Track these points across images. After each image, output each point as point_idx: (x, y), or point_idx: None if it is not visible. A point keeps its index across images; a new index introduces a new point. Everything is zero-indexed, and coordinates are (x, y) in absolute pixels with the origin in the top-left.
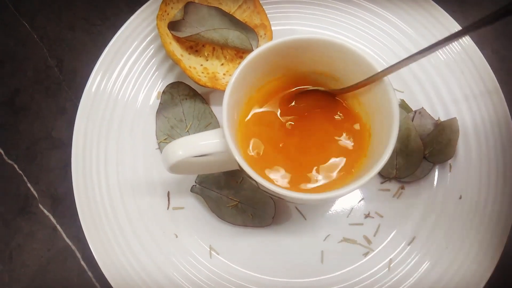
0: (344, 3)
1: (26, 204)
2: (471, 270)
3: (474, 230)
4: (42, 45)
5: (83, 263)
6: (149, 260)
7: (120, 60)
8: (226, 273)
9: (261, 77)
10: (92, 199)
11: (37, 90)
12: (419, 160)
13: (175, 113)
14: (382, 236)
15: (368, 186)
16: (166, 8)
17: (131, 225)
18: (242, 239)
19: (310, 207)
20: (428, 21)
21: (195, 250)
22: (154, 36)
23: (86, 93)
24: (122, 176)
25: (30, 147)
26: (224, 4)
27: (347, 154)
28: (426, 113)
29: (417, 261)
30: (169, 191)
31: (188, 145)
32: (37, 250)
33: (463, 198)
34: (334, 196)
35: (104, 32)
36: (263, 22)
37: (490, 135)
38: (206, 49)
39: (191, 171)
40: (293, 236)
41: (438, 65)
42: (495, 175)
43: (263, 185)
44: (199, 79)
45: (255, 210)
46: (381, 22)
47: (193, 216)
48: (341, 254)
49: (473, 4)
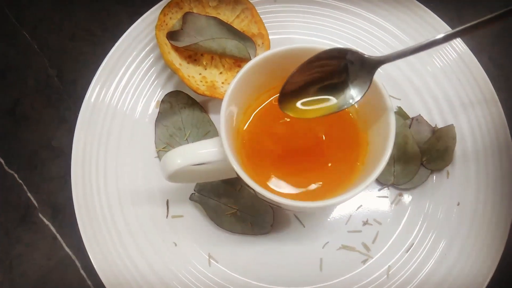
0: (341, 12)
1: (27, 213)
2: (470, 277)
3: (473, 237)
4: (43, 55)
5: (83, 272)
6: (148, 268)
7: (120, 70)
8: (225, 281)
9: (259, 86)
10: (91, 208)
11: (38, 99)
12: (416, 167)
13: (174, 121)
14: (381, 243)
15: (366, 193)
16: (165, 18)
17: (130, 234)
18: (241, 247)
19: (309, 215)
20: (423, 28)
21: (194, 258)
22: (153, 46)
23: (86, 103)
24: (121, 184)
25: (30, 156)
26: (222, 14)
27: (345, 162)
28: (423, 120)
29: (415, 268)
30: (168, 200)
31: (186, 154)
32: (37, 260)
33: (461, 204)
34: (332, 204)
35: (104, 42)
36: (261, 31)
37: (488, 142)
38: (205, 58)
39: (190, 179)
40: (292, 243)
41: (434, 72)
42: (493, 181)
43: (261, 193)
44: (197, 88)
45: (254, 218)
46: (379, 31)
47: (192, 224)
48: (340, 261)
49: (471, 13)
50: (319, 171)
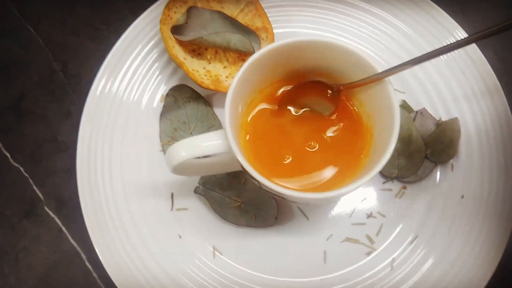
0: (345, 6)
1: (32, 206)
2: (473, 268)
3: (477, 229)
4: (47, 49)
5: (88, 264)
6: (153, 260)
7: (124, 64)
8: (229, 273)
9: (263, 78)
10: (96, 201)
11: (42, 94)
12: (421, 160)
13: (179, 115)
14: (385, 236)
15: (370, 186)
16: (169, 13)
17: (135, 226)
18: (245, 239)
19: (313, 208)
20: (428, 22)
21: (199, 250)
22: (158, 40)
23: (91, 96)
24: (126, 178)
25: (35, 150)
26: (226, 8)
27: (350, 154)
28: (427, 113)
29: (419, 260)
30: (172, 193)
31: (191, 146)
32: (43, 253)
33: (465, 197)
34: (336, 195)
35: (108, 37)
36: (265, 25)
37: (492, 135)
38: (209, 52)
39: (194, 172)
40: (296, 236)
41: (439, 66)
42: (497, 174)
43: (265, 184)
44: (201, 81)
45: (258, 210)
46: (382, 24)
47: (196, 217)
48: (344, 253)
49: (473, 6)
50: (323, 163)
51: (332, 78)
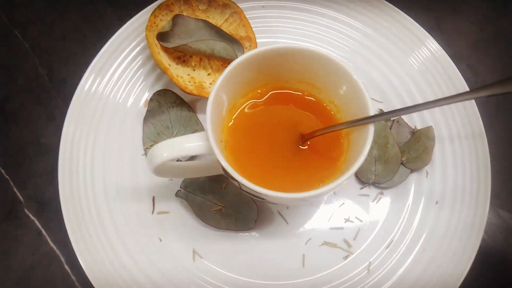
0: (326, 19)
1: (13, 209)
2: (448, 271)
3: (451, 233)
4: (34, 54)
5: (67, 267)
6: (133, 263)
7: (110, 67)
8: (209, 276)
9: (245, 83)
10: (77, 203)
11: (27, 97)
12: (397, 166)
13: (162, 120)
14: (362, 240)
15: (348, 191)
16: (155, 20)
17: (116, 229)
18: (225, 242)
19: (293, 212)
20: (402, 33)
21: (179, 253)
22: (143, 47)
23: (75, 99)
24: (108, 181)
25: (18, 152)
26: (211, 17)
27: (328, 159)
28: (403, 121)
29: (395, 264)
30: (154, 196)
31: (173, 147)
32: (21, 255)
33: (439, 203)
34: (312, 196)
35: (94, 43)
36: (248, 35)
37: (464, 143)
38: (193, 59)
39: (176, 174)
40: (276, 240)
41: (414, 76)
42: (470, 180)
43: (244, 184)
44: (185, 86)
45: (239, 214)
46: (358, 34)
47: (177, 220)
48: (322, 257)
49: (450, 22)
50: (303, 167)
51: (313, 85)
